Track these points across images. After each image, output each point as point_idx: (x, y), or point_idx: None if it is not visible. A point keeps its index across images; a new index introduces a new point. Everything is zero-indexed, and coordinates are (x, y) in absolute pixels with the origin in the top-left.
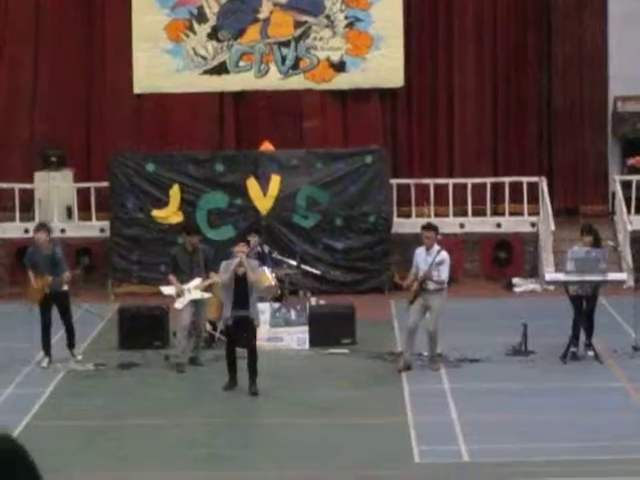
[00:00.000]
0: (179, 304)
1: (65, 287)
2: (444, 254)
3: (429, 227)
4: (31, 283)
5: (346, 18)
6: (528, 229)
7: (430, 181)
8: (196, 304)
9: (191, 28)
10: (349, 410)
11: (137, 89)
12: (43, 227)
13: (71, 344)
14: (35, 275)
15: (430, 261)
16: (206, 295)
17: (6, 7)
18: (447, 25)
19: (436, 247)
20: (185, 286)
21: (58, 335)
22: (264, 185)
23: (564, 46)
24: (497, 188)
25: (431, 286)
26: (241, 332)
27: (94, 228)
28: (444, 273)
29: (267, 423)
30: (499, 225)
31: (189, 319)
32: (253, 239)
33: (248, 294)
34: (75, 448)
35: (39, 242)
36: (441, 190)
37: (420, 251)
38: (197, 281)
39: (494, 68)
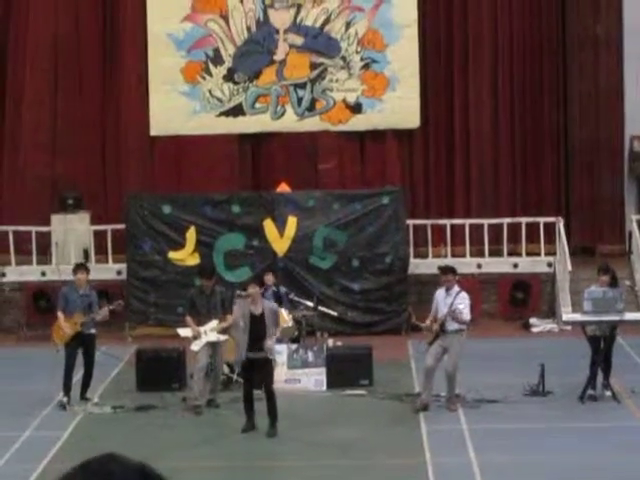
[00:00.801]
0: (196, 346)
1: (94, 330)
2: (464, 295)
3: (447, 270)
4: (60, 323)
5: (362, 59)
6: (545, 269)
7: (447, 222)
8: (213, 346)
9: (207, 70)
10: (367, 451)
11: (153, 131)
12: (82, 267)
13: (86, 388)
14: (66, 316)
15: (450, 302)
16: (222, 337)
17: (24, 45)
18: (462, 65)
19: (456, 288)
20: (202, 328)
21: (76, 378)
22: (281, 226)
23: (580, 83)
24: (514, 228)
25: (450, 327)
26: (258, 373)
27: (111, 270)
28: (466, 314)
29: (285, 465)
30: (516, 265)
31: (206, 361)
32: (269, 277)
33: (263, 334)
34: None
35: (79, 282)
36: (458, 230)
37: (440, 292)
38: (214, 323)
39: (510, 106)
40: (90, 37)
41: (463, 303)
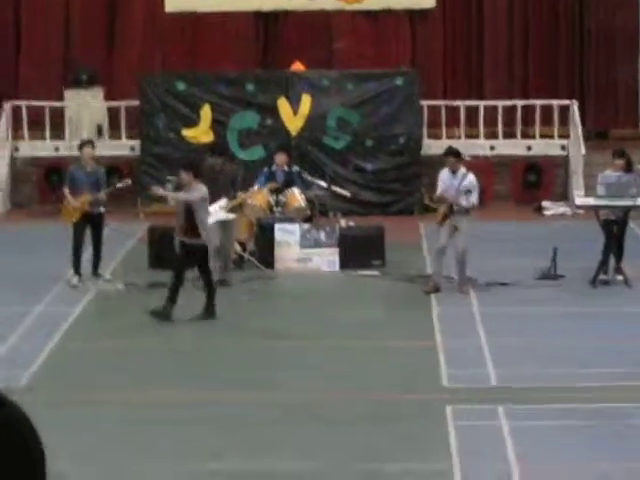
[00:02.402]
0: None
1: (103, 209)
2: (471, 178)
3: (448, 153)
4: (68, 202)
5: None
6: (559, 152)
7: (460, 103)
8: (223, 225)
9: None
10: (378, 332)
11: (168, 7)
12: (89, 143)
13: (96, 266)
14: (73, 194)
15: (456, 185)
16: (232, 215)
17: None
18: None
19: (462, 170)
20: (211, 207)
21: (86, 255)
22: (295, 105)
23: None
24: (528, 111)
25: (458, 208)
26: (193, 260)
27: (124, 147)
28: (474, 198)
29: (296, 345)
30: (529, 148)
31: (216, 240)
32: (280, 157)
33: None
34: (102, 368)
35: (85, 157)
36: (471, 112)
37: (444, 172)
38: (223, 201)
39: None
40: None
41: (471, 186)
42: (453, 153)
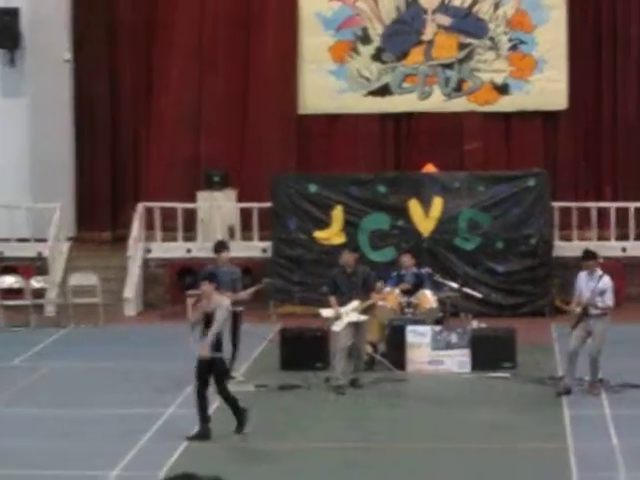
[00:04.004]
0: (337, 327)
1: (240, 307)
2: (607, 280)
3: (588, 255)
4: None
5: (510, 40)
6: None
7: (592, 204)
8: (355, 326)
9: (355, 49)
10: (509, 434)
11: (301, 110)
12: (223, 245)
13: (231, 366)
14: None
15: (592, 286)
16: (363, 317)
17: (172, 26)
18: (611, 46)
19: (598, 272)
20: (343, 309)
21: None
22: (426, 207)
23: None
24: None
25: (594, 311)
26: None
27: (256, 248)
28: (609, 299)
29: (425, 447)
30: None
31: (348, 341)
32: (405, 258)
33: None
34: (234, 471)
35: (221, 260)
36: (603, 213)
37: (582, 275)
38: (355, 303)
39: None
40: (234, 16)
41: (607, 287)
42: (593, 255)
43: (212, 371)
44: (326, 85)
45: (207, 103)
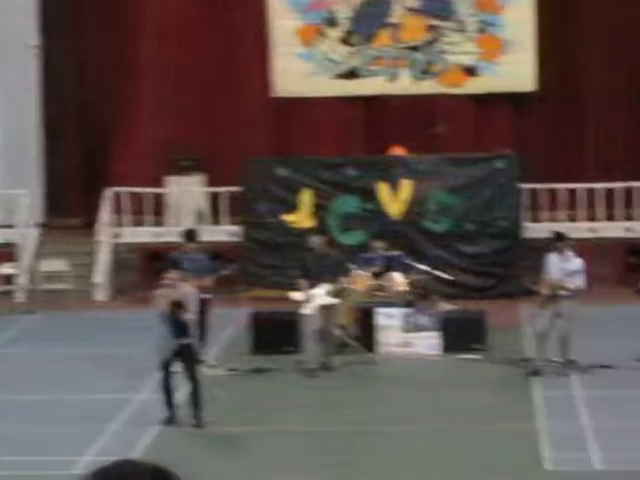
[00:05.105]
0: (307, 310)
1: (208, 295)
2: (577, 261)
3: (557, 238)
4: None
5: (477, 22)
6: None
7: (561, 185)
8: (326, 309)
9: (323, 33)
10: (479, 416)
11: (272, 93)
12: (191, 235)
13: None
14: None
15: (563, 268)
16: (334, 300)
17: (143, 7)
18: (578, 28)
19: (569, 253)
20: (314, 292)
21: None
22: (395, 190)
23: None
24: (628, 193)
25: (564, 292)
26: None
27: (225, 232)
28: (580, 280)
29: (395, 430)
30: (630, 230)
31: (319, 324)
32: (378, 244)
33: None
34: (206, 455)
35: (189, 248)
36: (572, 195)
37: (553, 257)
38: (326, 286)
39: (628, 71)
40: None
41: (577, 268)
42: (562, 238)
43: (182, 357)
44: (295, 68)
45: (178, 87)
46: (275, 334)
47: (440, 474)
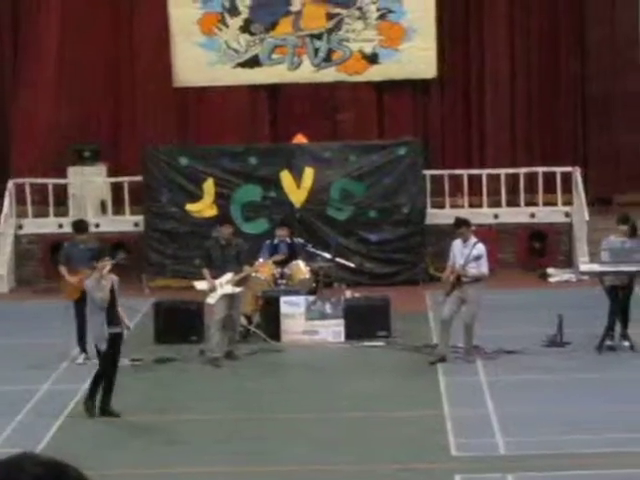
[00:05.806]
0: (212, 299)
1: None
2: (481, 247)
3: (459, 223)
4: (66, 279)
5: (378, 10)
6: (562, 219)
7: (464, 172)
8: (230, 298)
9: (223, 21)
10: (384, 403)
11: (174, 83)
12: (82, 227)
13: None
14: (70, 271)
15: (467, 253)
16: (238, 289)
17: None
18: (479, 14)
19: (473, 239)
20: (217, 281)
21: None
22: (298, 178)
23: (597, 32)
24: (531, 178)
25: (468, 278)
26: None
27: (128, 222)
28: (483, 266)
29: (302, 417)
30: (533, 215)
31: (223, 313)
32: (282, 232)
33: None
34: (112, 445)
35: (80, 239)
36: (475, 181)
37: (457, 243)
38: (229, 275)
39: (527, 57)
40: None
41: (480, 254)
42: (464, 222)
43: (113, 345)
44: (196, 57)
45: (79, 76)
46: (178, 323)
47: (348, 461)
